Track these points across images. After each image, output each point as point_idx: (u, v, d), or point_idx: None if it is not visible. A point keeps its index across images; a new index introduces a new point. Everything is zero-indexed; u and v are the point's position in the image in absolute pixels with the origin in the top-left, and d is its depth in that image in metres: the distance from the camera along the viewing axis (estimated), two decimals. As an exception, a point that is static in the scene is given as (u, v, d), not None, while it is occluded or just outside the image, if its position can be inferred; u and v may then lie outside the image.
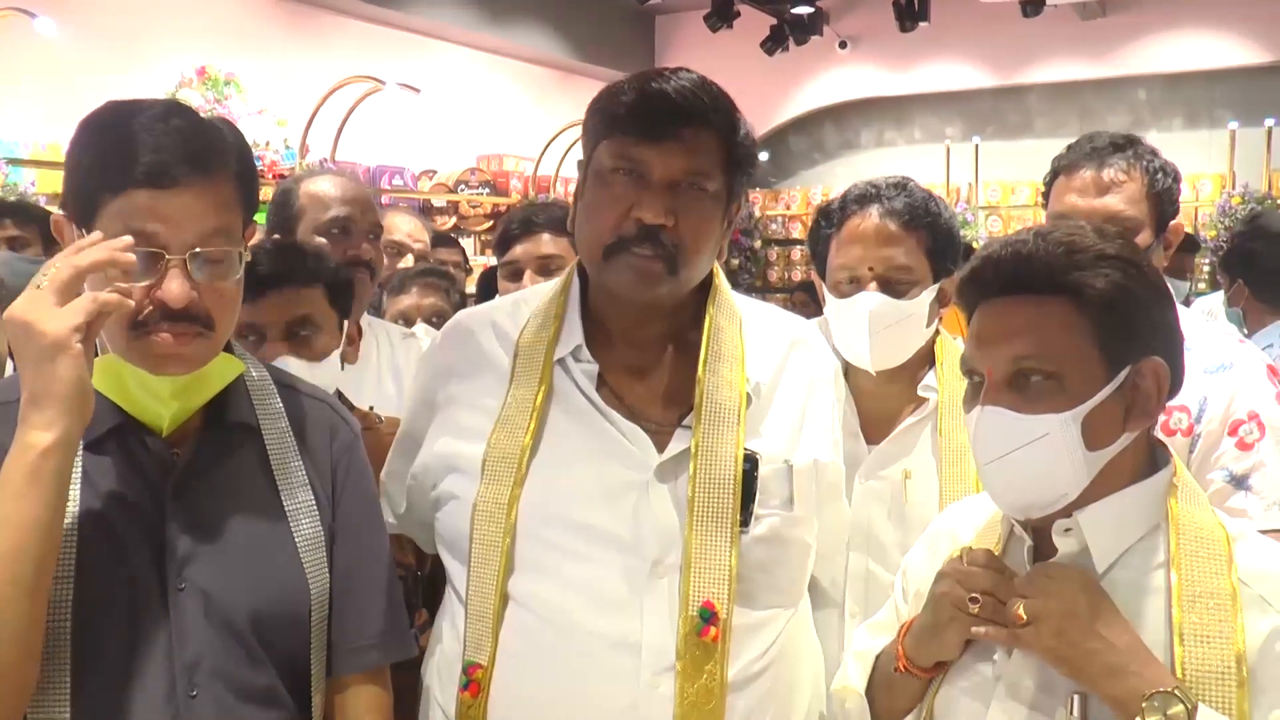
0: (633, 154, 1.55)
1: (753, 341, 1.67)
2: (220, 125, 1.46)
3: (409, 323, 3.09)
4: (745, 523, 1.56)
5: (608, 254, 1.57)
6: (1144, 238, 2.00)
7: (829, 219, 2.03)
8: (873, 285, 1.93)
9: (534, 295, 1.74)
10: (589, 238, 1.60)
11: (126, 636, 1.36)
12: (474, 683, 1.53)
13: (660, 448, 1.58)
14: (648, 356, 1.65)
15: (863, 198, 1.98)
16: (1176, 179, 2.08)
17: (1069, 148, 2.12)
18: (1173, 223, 2.07)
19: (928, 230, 1.95)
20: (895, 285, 1.94)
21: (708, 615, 1.51)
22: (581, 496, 1.56)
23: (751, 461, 1.57)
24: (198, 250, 1.36)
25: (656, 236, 1.54)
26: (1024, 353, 1.31)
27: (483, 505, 1.56)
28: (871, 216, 1.95)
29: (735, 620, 1.54)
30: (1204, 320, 2.12)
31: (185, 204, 1.35)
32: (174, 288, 1.34)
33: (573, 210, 1.67)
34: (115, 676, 1.35)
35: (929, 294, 1.96)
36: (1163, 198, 2.04)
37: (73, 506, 1.35)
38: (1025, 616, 1.30)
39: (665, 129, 1.54)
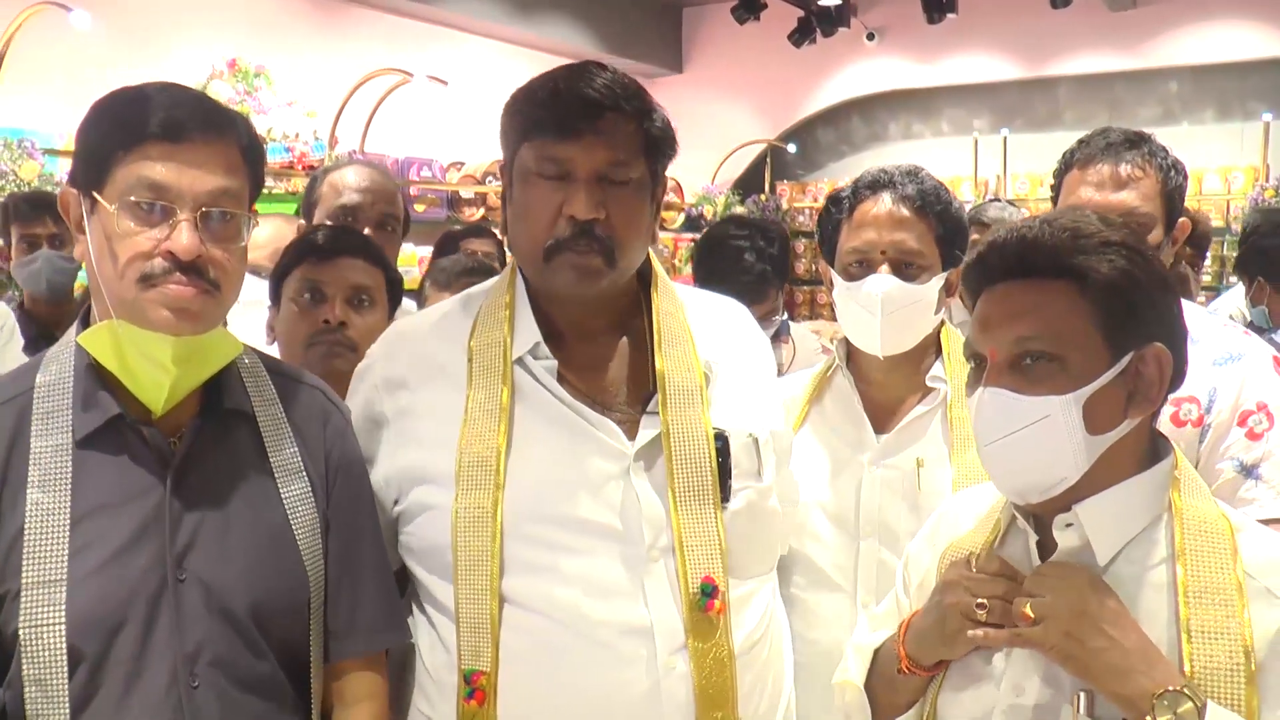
0: (555, 153, 1.58)
1: (696, 324, 1.71)
2: (229, 108, 1.50)
3: None
4: (725, 498, 1.60)
5: (548, 255, 1.60)
6: (1156, 235, 2.01)
7: (839, 205, 2.05)
8: (884, 268, 1.95)
9: (473, 298, 1.76)
10: (525, 241, 1.63)
11: (127, 629, 1.37)
12: (479, 690, 1.53)
13: (629, 435, 1.61)
14: (599, 348, 1.68)
15: (875, 183, 2.00)
16: (1185, 177, 2.10)
17: (1081, 143, 2.11)
18: (1181, 220, 2.09)
19: (938, 218, 1.97)
20: (906, 269, 1.95)
21: (709, 590, 1.55)
22: (565, 491, 1.58)
23: (723, 439, 1.61)
24: (207, 210, 1.39)
25: (591, 231, 1.57)
26: (1027, 333, 1.31)
27: (464, 513, 1.56)
28: (884, 201, 1.97)
29: (731, 593, 1.58)
30: (1209, 313, 2.15)
31: (198, 158, 1.39)
32: (183, 238, 1.37)
33: (503, 215, 1.69)
34: (116, 670, 1.37)
35: (938, 280, 1.97)
36: (1174, 196, 2.06)
37: (67, 507, 1.38)
38: (1033, 615, 1.30)
39: (583, 124, 1.57)
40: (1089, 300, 1.30)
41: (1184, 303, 2.02)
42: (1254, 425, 1.93)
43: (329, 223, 2.56)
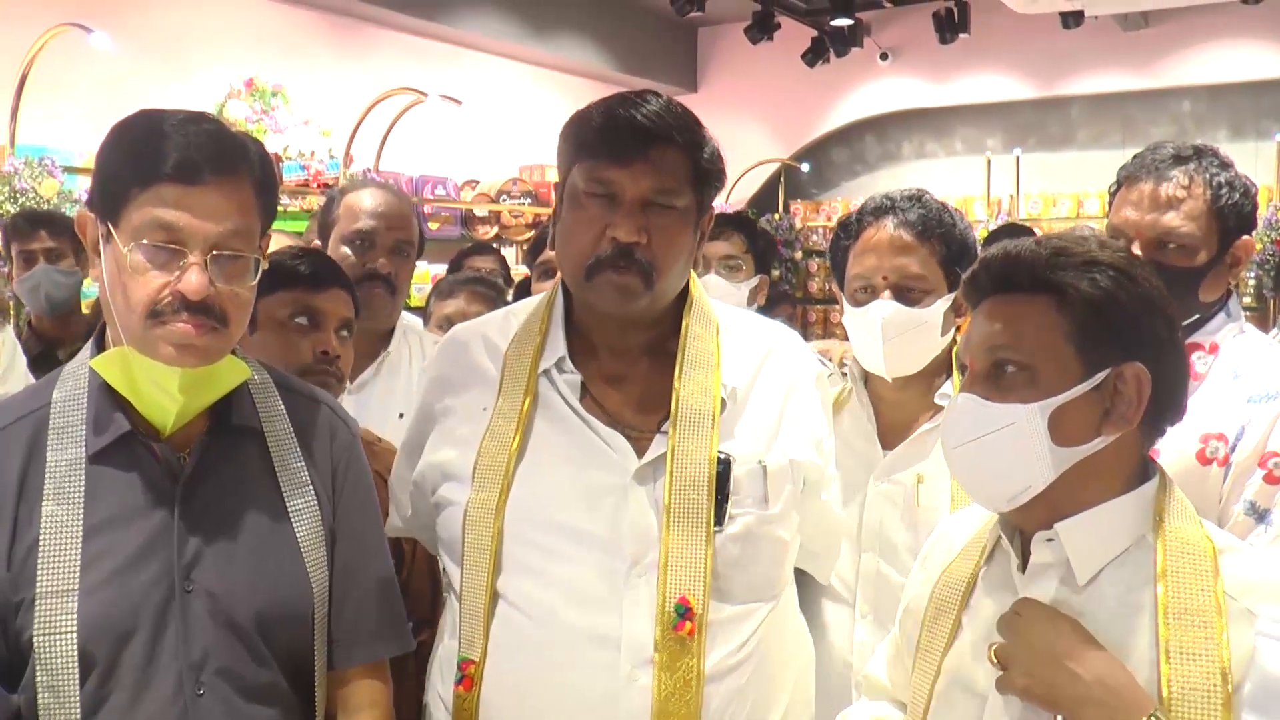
0: (604, 176, 1.63)
1: (730, 348, 1.74)
2: (244, 136, 1.52)
3: (452, 327, 3.11)
4: (719, 521, 1.62)
5: (589, 274, 1.65)
6: (1202, 256, 1.91)
7: (847, 231, 2.08)
8: (886, 294, 1.98)
9: (522, 309, 1.82)
10: (570, 259, 1.69)
11: (136, 638, 1.41)
12: (467, 677, 1.61)
13: (640, 453, 1.65)
14: (629, 366, 1.73)
15: (878, 209, 2.03)
16: (1248, 193, 1.95)
17: (1134, 157, 2.02)
18: (1241, 239, 1.95)
19: (941, 240, 2.00)
20: (909, 294, 1.98)
21: (683, 611, 1.57)
22: (564, 500, 1.63)
23: (725, 463, 1.63)
24: (217, 253, 1.42)
25: (632, 254, 1.62)
26: (999, 343, 1.35)
27: (473, 510, 1.64)
28: (886, 227, 2.00)
29: (711, 615, 1.60)
30: (1267, 346, 1.99)
31: (209, 201, 1.41)
32: (193, 279, 1.40)
33: (552, 232, 1.75)
34: (126, 677, 1.40)
35: (943, 303, 2.00)
36: (1227, 213, 1.92)
37: (80, 519, 1.41)
38: (998, 659, 1.33)
39: (634, 151, 1.62)
40: (1065, 316, 1.33)
41: (1251, 334, 1.96)
42: (1274, 468, 1.82)
43: (345, 248, 2.57)
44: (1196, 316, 1.94)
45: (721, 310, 1.81)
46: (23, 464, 1.43)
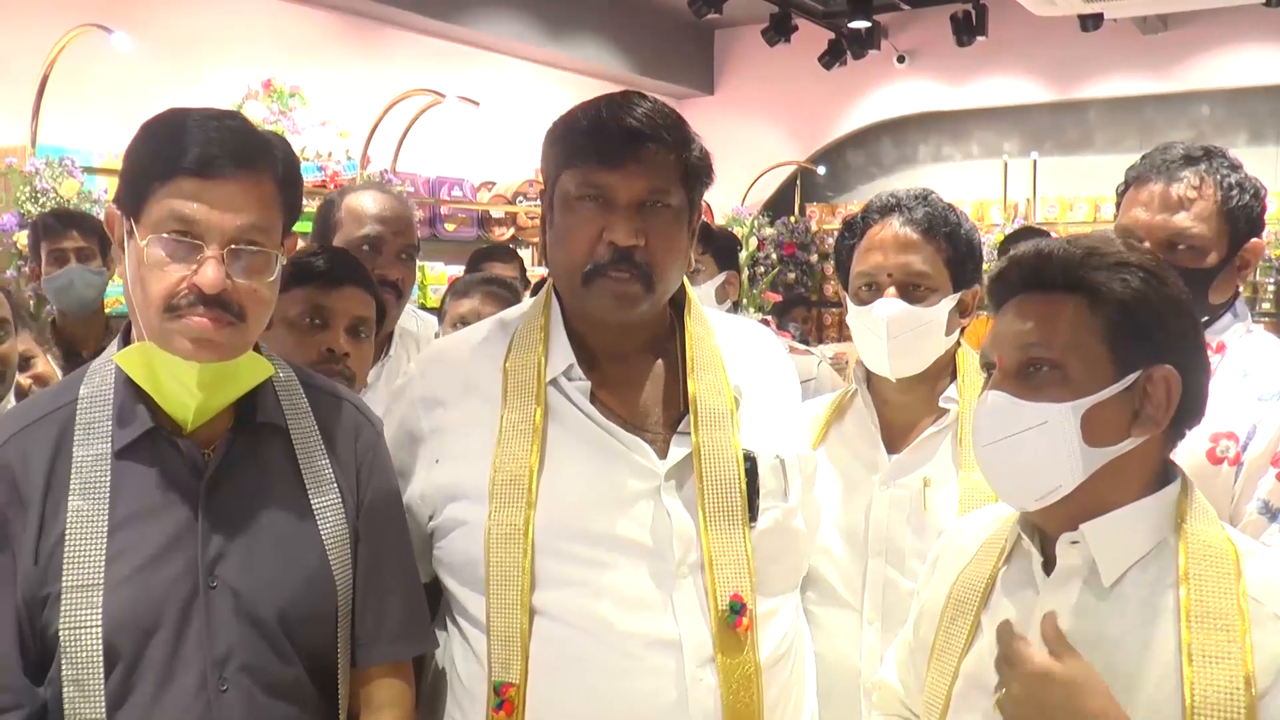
0: (597, 180, 1.61)
1: (725, 348, 1.75)
2: (270, 135, 1.52)
3: (466, 326, 3.11)
4: (753, 517, 1.63)
5: (586, 279, 1.63)
6: (1212, 258, 1.92)
7: (852, 230, 2.07)
8: (891, 291, 1.96)
9: (510, 320, 1.80)
10: (565, 265, 1.66)
11: (161, 633, 1.41)
12: (508, 701, 1.56)
13: (660, 455, 1.64)
14: (631, 370, 1.72)
15: (884, 208, 2.02)
16: (1258, 195, 1.95)
17: (1142, 158, 2.02)
18: (1251, 242, 1.95)
19: (947, 239, 1.98)
20: (913, 292, 1.96)
21: (738, 607, 1.58)
22: (596, 508, 1.61)
23: (751, 460, 1.65)
24: (235, 246, 1.42)
25: (630, 257, 1.61)
26: (1031, 340, 1.35)
27: (496, 529, 1.59)
28: (891, 225, 1.99)
29: (757, 609, 1.61)
30: (1275, 345, 2.00)
31: (228, 195, 1.42)
32: (209, 272, 1.40)
33: (542, 239, 1.73)
34: (150, 672, 1.41)
35: (948, 302, 1.98)
36: (1237, 215, 1.93)
37: (105, 514, 1.42)
38: (1000, 710, 1.33)
39: (625, 153, 1.60)
40: (1098, 316, 1.33)
41: (1258, 333, 1.96)
42: None
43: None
44: (1205, 318, 1.92)
45: (710, 314, 1.82)
46: (50, 459, 1.44)
